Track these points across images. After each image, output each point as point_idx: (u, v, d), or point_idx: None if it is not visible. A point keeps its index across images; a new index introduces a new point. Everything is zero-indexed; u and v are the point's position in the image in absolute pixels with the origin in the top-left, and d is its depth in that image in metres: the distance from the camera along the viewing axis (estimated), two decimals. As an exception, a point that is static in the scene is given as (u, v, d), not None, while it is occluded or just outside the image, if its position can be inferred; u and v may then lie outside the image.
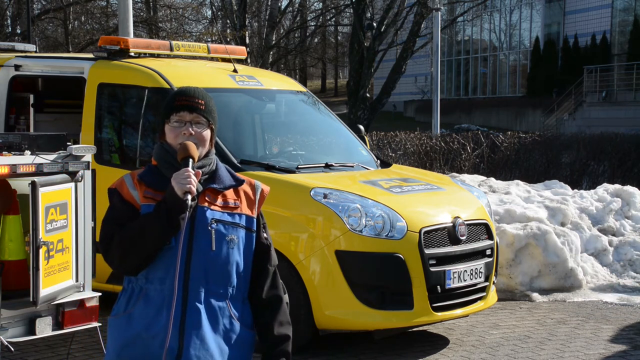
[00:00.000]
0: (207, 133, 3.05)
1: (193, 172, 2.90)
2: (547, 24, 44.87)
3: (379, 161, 7.96)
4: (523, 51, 46.94)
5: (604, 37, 39.09)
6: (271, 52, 30.68)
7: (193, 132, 3.01)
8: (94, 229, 5.71)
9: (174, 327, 2.90)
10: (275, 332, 3.13)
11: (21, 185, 5.57)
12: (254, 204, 3.11)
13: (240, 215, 3.05)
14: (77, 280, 5.58)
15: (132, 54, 7.85)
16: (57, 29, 34.56)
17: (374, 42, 24.95)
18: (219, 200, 3.03)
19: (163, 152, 3.04)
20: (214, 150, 3.12)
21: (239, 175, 3.16)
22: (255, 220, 3.09)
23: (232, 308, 3.02)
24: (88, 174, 5.65)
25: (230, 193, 3.07)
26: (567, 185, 11.56)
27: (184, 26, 31.69)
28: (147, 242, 2.90)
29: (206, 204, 2.99)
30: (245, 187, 3.13)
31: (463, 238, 6.66)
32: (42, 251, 5.18)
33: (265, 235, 3.12)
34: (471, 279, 6.69)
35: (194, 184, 2.88)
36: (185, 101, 3.03)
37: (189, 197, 2.86)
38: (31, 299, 5.24)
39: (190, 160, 2.94)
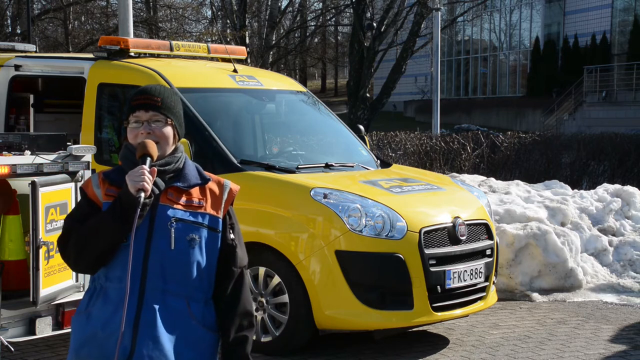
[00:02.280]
0: (167, 130, 3.00)
1: (148, 169, 2.87)
2: (547, 24, 44.88)
3: (379, 161, 7.96)
4: (523, 51, 46.95)
5: (604, 37, 39.10)
6: (271, 52, 30.69)
7: (150, 132, 2.97)
8: (94, 229, 5.70)
9: (127, 326, 2.87)
10: (232, 335, 3.02)
11: (21, 185, 5.57)
12: (220, 203, 3.03)
13: (203, 214, 2.98)
14: (77, 281, 5.59)
15: (132, 54, 7.85)
16: (57, 29, 34.55)
17: (374, 42, 24.97)
18: (183, 199, 2.98)
19: (126, 152, 3.01)
20: (181, 148, 3.08)
21: (208, 174, 3.09)
22: (220, 220, 3.02)
23: (191, 309, 2.96)
24: (88, 174, 5.65)
25: (195, 192, 3.01)
26: (567, 185, 11.56)
27: (184, 26, 31.69)
28: (100, 240, 2.89)
29: (168, 202, 2.96)
30: (212, 185, 3.06)
31: (463, 238, 6.66)
32: (42, 251, 5.18)
33: (232, 236, 3.05)
34: (471, 279, 6.69)
35: (148, 182, 2.85)
36: (141, 100, 2.99)
37: (142, 194, 2.83)
38: (31, 299, 5.24)
39: (148, 158, 2.90)
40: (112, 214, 2.86)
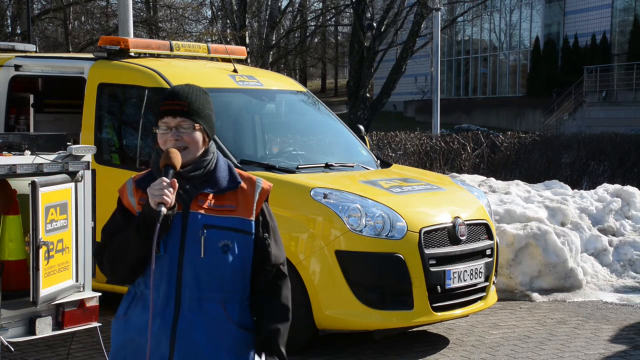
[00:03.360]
0: (196, 135, 2.96)
1: (168, 181, 2.83)
2: (547, 24, 44.89)
3: (379, 161, 7.96)
4: (523, 51, 46.95)
5: (604, 37, 39.10)
6: (271, 52, 30.69)
7: (179, 138, 2.94)
8: (94, 229, 5.71)
9: (164, 334, 2.90)
10: (265, 327, 3.05)
11: (21, 185, 5.56)
12: (252, 204, 2.99)
13: (235, 219, 2.95)
14: (77, 280, 5.58)
15: (132, 54, 7.85)
16: (57, 29, 34.55)
17: (374, 42, 24.97)
18: (213, 204, 2.95)
19: (155, 158, 2.99)
20: (213, 148, 3.03)
21: (239, 172, 3.05)
22: (252, 222, 2.99)
23: (228, 311, 2.96)
24: (88, 174, 5.64)
25: (226, 195, 2.97)
26: (567, 185, 11.56)
27: (184, 26, 31.69)
28: (130, 254, 2.89)
29: (198, 209, 2.93)
30: (244, 186, 3.01)
31: (463, 238, 6.66)
32: (42, 251, 5.17)
33: (266, 234, 3.02)
34: (471, 279, 6.69)
35: (169, 195, 2.80)
36: (168, 105, 2.96)
37: (163, 208, 2.79)
38: (31, 299, 5.23)
39: (171, 169, 2.87)
40: (136, 229, 2.85)
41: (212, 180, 2.97)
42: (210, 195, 2.95)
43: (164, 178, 2.83)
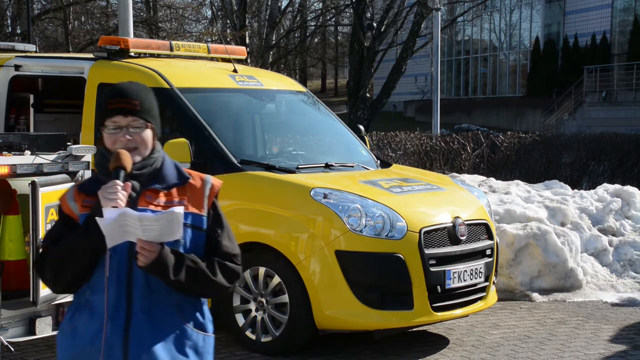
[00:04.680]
0: (146, 134, 2.90)
1: (122, 184, 2.75)
2: (547, 24, 44.89)
3: (379, 161, 7.96)
4: (523, 51, 46.96)
5: (604, 37, 39.11)
6: (271, 52, 30.68)
7: (130, 138, 2.86)
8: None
9: (117, 338, 2.79)
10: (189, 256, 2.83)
11: (21, 185, 5.57)
12: (202, 200, 2.92)
13: (186, 214, 2.85)
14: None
15: (132, 54, 7.85)
16: (57, 29, 34.56)
17: (374, 42, 24.97)
18: (162, 200, 2.87)
19: (101, 159, 2.90)
20: (159, 147, 2.98)
21: (187, 171, 2.99)
22: (204, 217, 2.91)
23: (182, 313, 2.88)
24: (88, 174, 5.65)
25: (175, 191, 2.90)
26: (567, 185, 11.56)
27: (184, 26, 31.70)
28: (76, 260, 2.79)
29: (147, 205, 2.85)
30: (193, 182, 2.94)
31: (463, 238, 6.66)
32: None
33: (218, 229, 2.93)
34: (471, 279, 6.69)
35: (122, 198, 2.72)
36: (118, 104, 2.86)
37: None
38: (31, 299, 5.24)
39: (122, 171, 2.79)
40: (85, 232, 2.76)
41: (159, 177, 2.91)
42: (158, 192, 2.88)
43: (116, 181, 2.75)
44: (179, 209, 2.72)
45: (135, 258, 2.75)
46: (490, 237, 7.03)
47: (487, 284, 6.91)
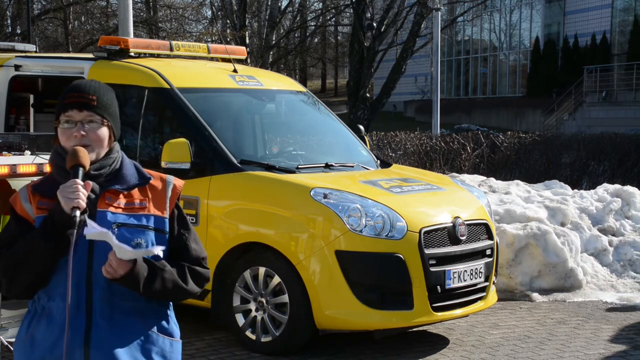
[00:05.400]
0: (102, 132, 2.74)
1: (82, 183, 2.61)
2: (547, 24, 44.90)
3: (379, 161, 7.96)
4: (523, 51, 46.96)
5: (604, 37, 39.12)
6: (271, 52, 30.69)
7: (84, 133, 2.71)
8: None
9: (77, 347, 2.65)
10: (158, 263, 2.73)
11: (21, 185, 5.56)
12: (164, 201, 2.80)
13: (147, 216, 2.75)
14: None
15: (132, 54, 7.86)
16: (57, 29, 34.57)
17: (374, 42, 24.98)
18: (122, 202, 2.74)
19: (56, 157, 2.76)
20: (117, 147, 2.83)
21: (148, 171, 2.86)
22: (166, 220, 2.79)
23: (145, 318, 2.76)
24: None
25: (136, 192, 2.77)
26: (567, 185, 11.56)
27: (184, 26, 31.70)
28: (33, 263, 2.64)
29: (107, 207, 2.71)
30: (154, 183, 2.81)
31: (463, 238, 6.66)
32: (42, 251, 5.17)
33: (183, 231, 2.83)
34: (471, 279, 6.69)
35: (83, 198, 2.58)
36: (74, 98, 2.73)
37: (77, 212, 2.57)
38: (31, 299, 5.23)
39: (80, 169, 2.65)
40: (43, 235, 2.61)
41: (118, 177, 2.77)
42: (119, 193, 2.75)
43: (76, 179, 2.61)
44: (160, 249, 2.64)
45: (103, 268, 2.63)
46: (490, 237, 7.03)
47: (487, 284, 6.91)
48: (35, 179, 5.17)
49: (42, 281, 2.70)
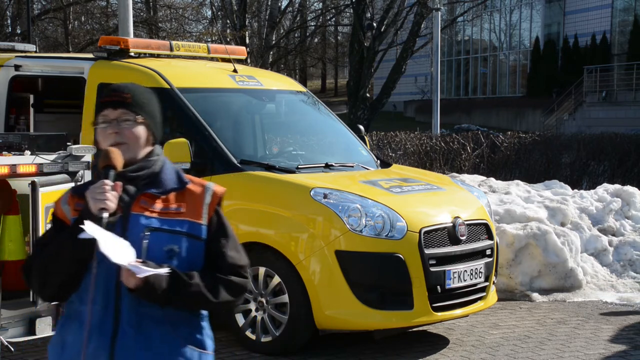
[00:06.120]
0: (138, 130, 2.69)
1: (111, 184, 2.57)
2: (547, 24, 44.89)
3: (379, 161, 7.96)
4: (523, 51, 46.96)
5: (604, 37, 39.11)
6: (271, 52, 30.68)
7: (118, 131, 2.67)
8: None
9: (104, 351, 2.61)
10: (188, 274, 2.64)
11: (21, 185, 5.57)
12: (201, 207, 2.72)
13: (182, 222, 2.67)
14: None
15: (132, 54, 7.86)
16: (57, 29, 34.57)
17: (374, 42, 24.97)
18: (158, 206, 2.67)
19: (96, 159, 2.81)
20: (158, 150, 2.78)
21: (190, 177, 2.79)
22: (203, 226, 2.70)
23: (175, 328, 2.67)
24: (88, 174, 5.65)
25: (172, 197, 2.70)
26: (567, 185, 11.56)
27: (184, 26, 31.69)
28: (62, 265, 2.61)
29: (141, 211, 2.65)
30: (192, 188, 2.74)
31: (463, 238, 6.66)
32: (42, 251, 5.17)
33: (220, 238, 2.73)
34: (471, 279, 6.69)
35: (112, 199, 2.54)
36: (108, 97, 2.71)
37: (105, 214, 2.52)
38: (31, 299, 5.24)
39: (112, 170, 2.60)
40: (71, 236, 2.56)
41: (156, 181, 2.71)
42: (155, 197, 2.68)
43: (106, 180, 2.57)
44: (165, 271, 2.56)
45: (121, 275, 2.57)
46: (490, 237, 7.03)
47: (487, 284, 6.91)
48: (35, 178, 5.19)
49: (74, 283, 2.66)
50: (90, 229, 2.49)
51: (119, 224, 2.61)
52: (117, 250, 2.50)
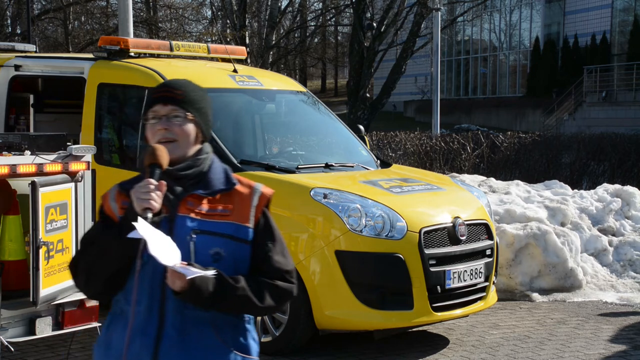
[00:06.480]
0: (188, 127, 2.63)
1: (156, 183, 2.51)
2: (547, 24, 44.89)
3: (379, 161, 7.96)
4: (523, 51, 46.95)
5: (604, 37, 39.11)
6: (271, 52, 30.68)
7: (167, 128, 2.61)
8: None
9: (147, 352, 2.57)
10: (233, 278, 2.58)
11: (21, 185, 5.57)
12: (249, 209, 2.65)
13: (228, 224, 2.61)
14: (77, 280, 5.57)
15: (132, 54, 7.85)
16: (57, 29, 34.60)
17: (374, 42, 24.96)
18: (204, 207, 2.61)
19: (143, 155, 2.64)
20: (208, 149, 2.72)
21: (239, 177, 2.73)
22: (249, 229, 2.64)
23: (219, 332, 2.62)
24: (88, 174, 5.65)
25: (219, 198, 2.64)
26: (567, 185, 11.56)
27: (184, 26, 31.70)
28: (107, 263, 2.56)
29: (187, 212, 2.60)
30: (240, 189, 2.68)
31: (463, 238, 6.66)
32: (42, 251, 5.18)
33: (267, 242, 2.67)
34: (471, 279, 6.69)
35: (156, 199, 2.48)
36: (159, 93, 2.67)
37: (149, 214, 2.47)
38: (31, 299, 5.24)
39: (157, 169, 2.54)
40: (117, 237, 2.52)
41: (204, 181, 2.65)
42: (202, 198, 2.62)
43: (150, 179, 2.51)
44: (212, 273, 2.51)
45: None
46: (490, 237, 7.03)
47: (487, 284, 6.91)
48: (35, 178, 5.19)
49: (119, 282, 2.61)
50: (141, 228, 2.44)
51: (164, 225, 2.55)
52: (165, 251, 2.45)
